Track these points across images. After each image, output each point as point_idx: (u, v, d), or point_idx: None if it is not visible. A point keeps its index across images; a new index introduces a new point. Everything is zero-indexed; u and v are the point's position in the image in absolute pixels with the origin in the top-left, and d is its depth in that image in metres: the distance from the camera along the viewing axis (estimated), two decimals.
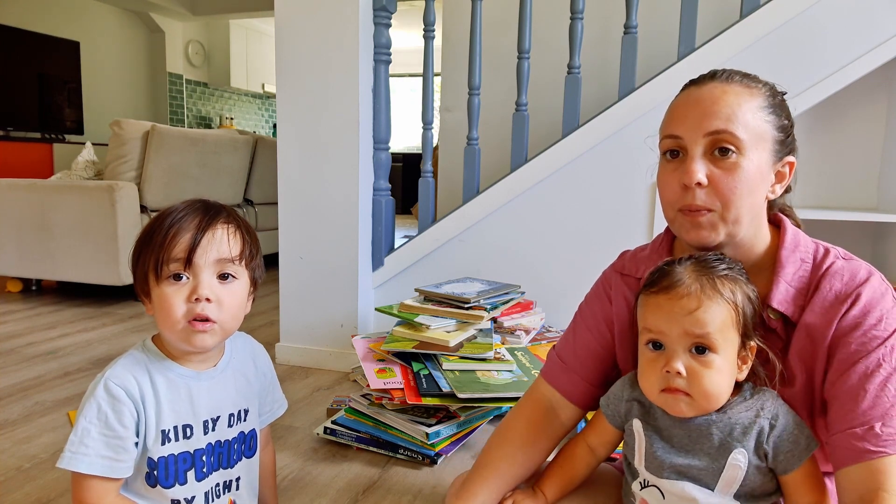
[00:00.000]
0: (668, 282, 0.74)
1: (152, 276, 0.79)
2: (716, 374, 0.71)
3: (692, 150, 0.77)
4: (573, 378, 0.95)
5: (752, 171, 0.76)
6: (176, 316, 0.78)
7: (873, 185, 2.34)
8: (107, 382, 0.78)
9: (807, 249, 0.81)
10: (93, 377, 0.79)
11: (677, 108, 0.81)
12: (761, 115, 0.76)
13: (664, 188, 0.81)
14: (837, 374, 0.74)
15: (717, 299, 0.71)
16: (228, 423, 0.89)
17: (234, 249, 0.82)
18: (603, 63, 2.71)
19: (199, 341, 0.80)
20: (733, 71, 0.80)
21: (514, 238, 2.12)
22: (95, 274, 2.93)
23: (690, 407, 0.73)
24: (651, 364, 0.75)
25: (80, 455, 0.77)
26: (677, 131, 0.79)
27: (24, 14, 5.19)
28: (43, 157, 4.94)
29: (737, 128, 0.75)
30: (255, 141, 3.85)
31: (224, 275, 0.81)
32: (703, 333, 0.71)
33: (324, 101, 2.04)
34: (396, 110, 7.69)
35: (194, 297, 0.78)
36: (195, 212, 0.82)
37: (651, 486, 0.78)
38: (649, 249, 0.95)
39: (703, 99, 0.77)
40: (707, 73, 0.81)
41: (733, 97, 0.76)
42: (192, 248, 0.78)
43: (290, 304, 2.17)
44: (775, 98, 0.80)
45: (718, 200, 0.76)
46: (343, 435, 1.51)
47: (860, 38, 1.83)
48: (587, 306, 0.99)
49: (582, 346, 0.96)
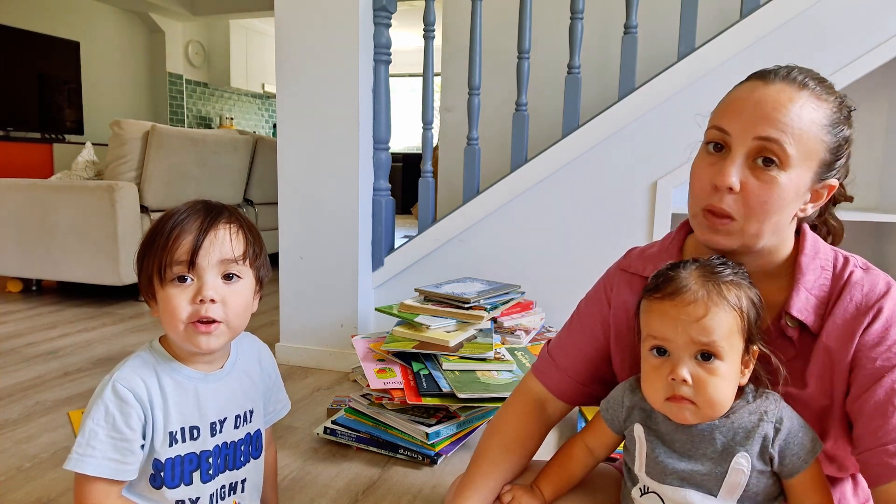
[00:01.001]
0: (672, 287, 0.72)
1: (157, 279, 0.80)
2: (721, 382, 0.70)
3: (736, 150, 0.73)
4: (562, 377, 0.95)
5: (788, 188, 0.72)
6: (180, 317, 0.78)
7: (875, 185, 2.34)
8: (115, 384, 0.78)
9: (826, 257, 0.79)
10: (93, 377, 0.79)
11: (735, 100, 0.75)
12: (819, 133, 0.72)
13: (695, 180, 0.78)
14: (862, 389, 0.72)
15: (723, 306, 0.70)
16: (235, 425, 0.89)
17: (237, 249, 0.82)
18: (603, 63, 2.71)
19: (204, 343, 0.80)
20: (808, 76, 0.74)
21: (514, 238, 2.12)
22: (95, 274, 2.92)
23: (695, 415, 0.72)
24: (656, 371, 0.74)
25: (87, 457, 0.76)
26: (727, 126, 0.74)
27: (24, 14, 5.19)
28: (43, 157, 4.94)
29: (789, 142, 0.71)
30: (255, 141, 3.84)
31: (229, 275, 0.81)
32: (710, 341, 0.70)
33: (324, 101, 2.04)
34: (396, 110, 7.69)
35: (199, 298, 0.78)
36: (197, 213, 0.82)
37: (651, 493, 0.78)
38: (658, 247, 0.92)
39: (767, 100, 0.72)
40: (782, 68, 0.75)
41: (798, 108, 0.71)
42: (194, 249, 0.78)
43: (290, 304, 2.17)
44: (840, 114, 0.75)
45: (744, 210, 0.73)
46: (343, 435, 1.51)
47: (861, 37, 1.83)
48: (585, 307, 0.98)
49: (573, 347, 0.96)
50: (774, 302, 0.79)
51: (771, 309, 0.78)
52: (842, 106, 0.76)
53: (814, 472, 0.73)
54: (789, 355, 0.77)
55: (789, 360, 0.77)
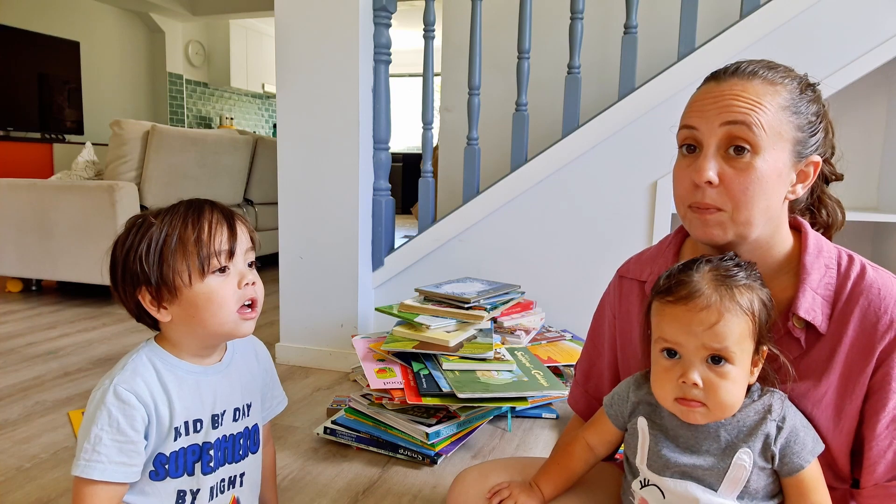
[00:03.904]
0: (686, 291, 0.72)
1: (195, 274, 0.80)
2: (731, 385, 0.71)
3: (707, 146, 0.75)
4: (589, 400, 1.02)
5: (767, 171, 0.73)
6: (230, 305, 0.82)
7: (873, 185, 2.34)
8: (116, 388, 0.79)
9: (830, 255, 0.79)
10: (93, 377, 0.80)
11: (696, 100, 0.79)
12: (782, 115, 0.74)
13: (677, 183, 0.80)
14: (881, 404, 0.74)
15: (735, 311, 0.70)
16: (234, 418, 0.90)
17: (251, 239, 0.87)
18: (603, 63, 2.71)
19: (247, 328, 0.85)
20: (758, 65, 0.77)
21: (514, 238, 2.12)
22: (95, 274, 2.92)
23: (705, 416, 0.72)
24: (666, 372, 0.74)
25: (94, 462, 0.77)
26: (693, 123, 0.77)
27: (24, 14, 5.19)
28: (43, 157, 4.94)
29: (753, 126, 0.72)
30: (255, 141, 3.85)
31: (250, 263, 0.86)
32: (722, 347, 0.70)
33: (324, 101, 2.04)
34: (396, 110, 7.70)
35: (244, 283, 0.82)
36: (212, 207, 0.84)
37: (652, 486, 0.78)
38: (655, 250, 0.93)
39: (723, 94, 0.75)
40: (731, 65, 0.78)
41: (753, 94, 0.74)
42: (233, 239, 0.82)
43: (290, 304, 2.17)
44: (802, 94, 0.77)
45: (730, 201, 0.74)
46: (343, 435, 1.51)
47: (860, 38, 1.83)
48: (593, 321, 1.02)
49: (595, 370, 1.01)
50: (779, 300, 0.78)
51: (776, 307, 0.78)
52: (801, 84, 0.77)
53: (812, 472, 0.73)
54: (795, 354, 0.77)
55: (795, 358, 0.77)
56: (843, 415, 0.76)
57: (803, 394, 0.77)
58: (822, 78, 0.82)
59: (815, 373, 0.77)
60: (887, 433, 0.74)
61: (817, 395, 0.77)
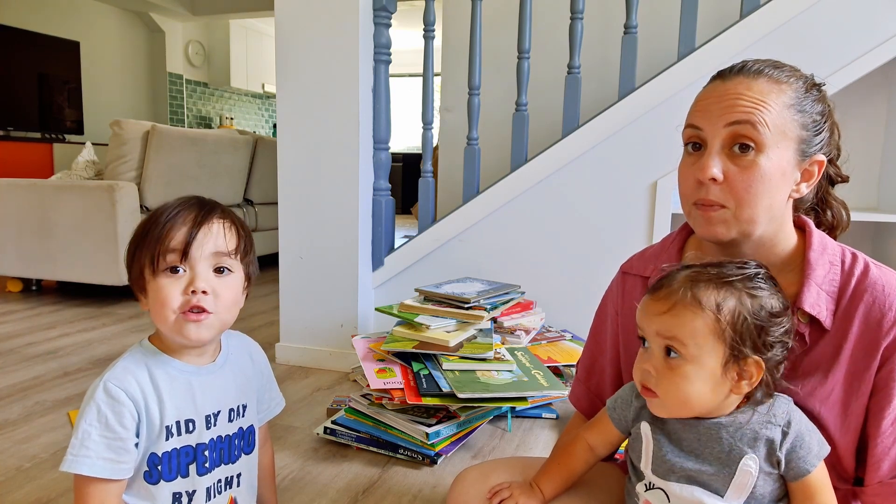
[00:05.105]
0: (658, 283, 0.75)
1: (148, 269, 0.80)
2: (681, 380, 0.71)
3: (711, 144, 0.76)
4: (591, 397, 1.01)
5: (771, 170, 0.74)
6: (171, 307, 0.79)
7: (873, 185, 2.34)
8: (106, 384, 0.79)
9: (834, 252, 0.79)
10: (93, 377, 0.80)
11: (701, 99, 0.79)
12: (787, 113, 0.74)
13: (682, 181, 0.81)
14: (886, 400, 0.74)
15: (690, 306, 0.71)
16: (228, 418, 0.89)
17: (230, 243, 0.83)
18: (603, 63, 2.71)
19: (194, 332, 0.80)
20: (764, 64, 0.77)
21: (514, 238, 2.12)
22: (95, 274, 2.92)
23: (661, 407, 0.74)
24: (637, 359, 0.77)
25: (81, 457, 0.76)
26: (698, 122, 0.78)
27: (24, 14, 5.19)
28: (43, 157, 4.94)
29: (759, 121, 0.73)
30: (255, 141, 3.84)
31: (220, 268, 0.83)
32: (671, 337, 0.71)
33: (324, 102, 2.04)
34: (396, 110, 7.69)
35: (191, 289, 0.79)
36: (191, 207, 0.83)
37: (657, 489, 0.78)
38: (658, 247, 0.94)
39: (728, 93, 0.75)
40: (737, 64, 0.79)
41: (758, 93, 0.74)
42: (188, 241, 0.80)
43: (289, 304, 2.17)
44: (808, 93, 0.77)
45: (733, 199, 0.75)
46: (343, 435, 1.51)
47: (860, 38, 1.83)
48: (595, 317, 1.02)
49: (598, 366, 1.01)
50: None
51: None
52: (807, 84, 0.78)
53: (819, 475, 0.73)
54: (799, 349, 0.77)
55: (799, 354, 0.77)
56: (850, 412, 0.76)
57: (810, 392, 0.77)
58: (823, 77, 0.82)
59: (820, 370, 0.77)
60: (892, 430, 0.74)
61: (824, 393, 0.77)
